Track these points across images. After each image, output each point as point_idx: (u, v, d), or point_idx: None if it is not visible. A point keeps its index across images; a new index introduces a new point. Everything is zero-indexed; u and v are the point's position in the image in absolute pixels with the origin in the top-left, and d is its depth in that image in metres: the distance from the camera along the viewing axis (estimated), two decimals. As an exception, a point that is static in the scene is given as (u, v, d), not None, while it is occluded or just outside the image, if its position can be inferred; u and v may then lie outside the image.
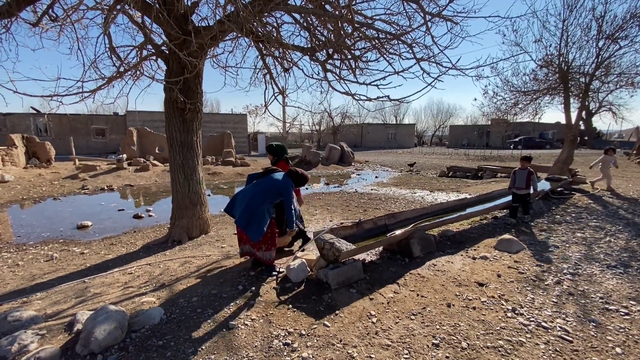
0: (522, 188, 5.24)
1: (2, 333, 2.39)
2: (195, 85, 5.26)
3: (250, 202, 3.30)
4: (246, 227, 3.27)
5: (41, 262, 4.72)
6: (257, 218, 3.28)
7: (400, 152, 29.29)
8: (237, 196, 3.47)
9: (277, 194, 3.41)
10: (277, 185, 3.40)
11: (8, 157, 13.00)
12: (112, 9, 4.43)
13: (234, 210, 3.41)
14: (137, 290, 3.36)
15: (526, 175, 5.25)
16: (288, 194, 3.42)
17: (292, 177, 3.55)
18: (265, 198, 3.34)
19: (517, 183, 5.33)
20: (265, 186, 3.40)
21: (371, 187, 10.81)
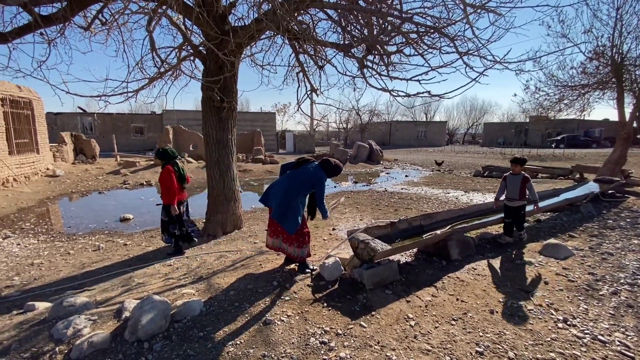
0: (515, 199, 4.15)
1: (59, 317, 2.56)
2: (231, 84, 5.38)
3: (285, 194, 3.31)
4: (281, 220, 3.30)
5: (89, 252, 5.05)
6: (292, 210, 3.29)
7: (430, 151, 28.46)
8: (272, 187, 3.49)
9: (310, 187, 3.37)
10: (310, 177, 3.35)
11: (59, 153, 14.07)
12: (154, 12, 4.64)
13: (269, 201, 3.45)
14: (176, 281, 3.50)
15: (520, 182, 4.13)
16: (321, 187, 3.36)
17: (326, 167, 3.45)
18: (299, 190, 3.33)
19: (508, 192, 4.22)
20: (298, 178, 3.37)
21: (401, 186, 10.57)
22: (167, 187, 4.32)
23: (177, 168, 4.48)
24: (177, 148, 17.34)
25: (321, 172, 3.40)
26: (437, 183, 11.05)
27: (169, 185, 4.31)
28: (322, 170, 3.43)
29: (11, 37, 3.67)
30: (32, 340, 2.30)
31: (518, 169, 4.22)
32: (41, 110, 12.18)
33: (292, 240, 3.41)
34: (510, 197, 4.22)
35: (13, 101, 10.46)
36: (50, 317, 2.58)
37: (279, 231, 3.46)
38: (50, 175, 11.70)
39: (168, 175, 4.30)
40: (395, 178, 12.75)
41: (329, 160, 3.50)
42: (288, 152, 27.07)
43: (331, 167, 3.47)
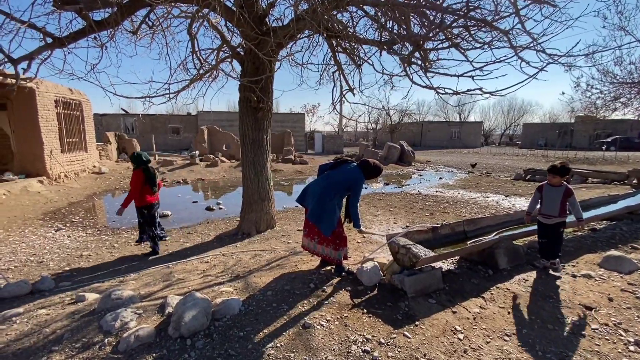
0: (554, 216, 3.31)
1: (107, 309, 2.66)
2: (267, 84, 5.42)
3: (322, 195, 3.25)
4: (318, 221, 3.26)
5: (132, 246, 5.28)
6: (329, 212, 3.24)
7: (465, 152, 27.33)
8: (309, 187, 3.45)
9: (347, 188, 3.28)
10: (347, 178, 3.25)
11: (104, 152, 15.01)
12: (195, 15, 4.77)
13: (306, 202, 3.42)
14: (215, 279, 3.54)
15: (561, 196, 3.25)
16: (357, 189, 3.25)
17: (365, 168, 3.32)
18: (335, 191, 3.25)
19: (544, 207, 3.38)
20: (335, 178, 3.30)
21: (436, 189, 10.19)
22: (133, 190, 4.56)
23: (148, 173, 4.64)
24: (211, 147, 17.93)
25: (359, 174, 3.30)
26: (474, 186, 10.54)
27: (132, 188, 4.55)
28: (361, 172, 3.32)
29: (67, 42, 3.90)
30: (83, 331, 2.40)
31: (557, 180, 3.29)
32: (90, 111, 13.05)
33: (327, 242, 3.35)
34: (546, 213, 3.38)
35: (65, 103, 11.29)
36: (99, 309, 2.68)
37: (314, 232, 3.41)
38: (96, 172, 12.49)
39: (135, 179, 4.57)
40: (428, 180, 12.33)
41: (368, 161, 3.39)
42: (316, 153, 27.11)
43: (370, 168, 3.35)
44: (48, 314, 2.72)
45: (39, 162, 9.90)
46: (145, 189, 4.65)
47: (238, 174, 13.88)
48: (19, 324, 2.60)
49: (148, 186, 4.64)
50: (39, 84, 9.68)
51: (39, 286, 3.38)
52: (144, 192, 4.66)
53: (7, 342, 2.30)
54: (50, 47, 3.91)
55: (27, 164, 9.96)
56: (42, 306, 2.98)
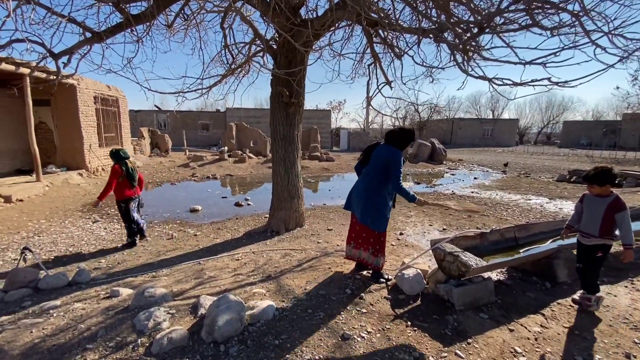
0: (593, 235, 2.58)
1: (140, 307, 2.60)
2: (299, 79, 5.25)
3: (367, 192, 3.02)
4: (369, 221, 3.05)
5: (164, 240, 5.32)
6: (378, 207, 3.02)
7: (499, 151, 26.00)
8: (353, 191, 3.28)
9: (387, 169, 2.93)
10: (383, 158, 2.93)
11: (138, 146, 15.56)
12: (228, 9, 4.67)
13: (352, 206, 3.26)
14: (246, 278, 3.43)
15: (605, 210, 2.51)
16: (395, 164, 2.87)
17: (393, 138, 2.98)
18: (379, 182, 3.00)
19: (584, 222, 2.69)
20: (373, 169, 3.03)
21: (471, 190, 9.65)
22: (108, 184, 4.67)
23: (126, 168, 4.75)
24: (239, 143, 18.14)
25: (389, 148, 2.98)
26: (513, 187, 9.89)
27: (107, 183, 4.67)
28: (390, 146, 3.00)
29: (105, 36, 3.91)
30: (117, 329, 2.34)
31: (596, 189, 2.54)
32: (125, 107, 13.55)
33: (367, 245, 3.15)
34: (584, 231, 2.65)
35: (103, 99, 11.75)
36: (132, 306, 2.63)
37: (360, 236, 3.20)
38: (131, 166, 12.96)
39: (112, 174, 4.67)
40: (462, 180, 11.74)
41: (391, 131, 3.04)
42: (342, 150, 26.83)
43: (398, 135, 2.98)
44: (84, 308, 2.71)
45: (79, 156, 10.37)
46: (124, 184, 4.78)
47: (265, 170, 13.92)
48: (55, 317, 2.59)
49: (127, 181, 4.78)
50: (79, 81, 10.11)
51: (77, 278, 3.42)
52: (123, 186, 4.79)
53: (43, 337, 2.28)
54: (89, 41, 3.94)
55: (68, 157, 10.46)
56: (79, 299, 2.99)
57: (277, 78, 5.17)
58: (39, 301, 3.01)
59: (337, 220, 6.33)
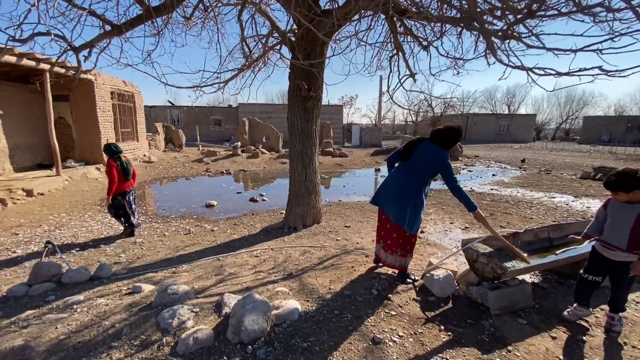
0: (620, 248, 2.22)
1: (163, 304, 2.55)
2: (318, 71, 5.13)
3: (406, 191, 2.84)
4: (407, 225, 2.88)
5: (181, 235, 5.31)
6: (418, 209, 2.88)
7: (516, 147, 25.31)
8: (385, 186, 3.07)
9: (432, 172, 2.80)
10: (430, 159, 2.74)
11: (153, 142, 15.71)
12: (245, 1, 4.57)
13: (380, 202, 3.07)
14: (267, 275, 3.36)
15: (634, 219, 2.14)
16: (447, 169, 2.69)
17: (440, 138, 2.78)
18: (421, 181, 2.83)
19: (607, 232, 2.32)
20: (417, 166, 2.81)
21: (490, 187, 9.38)
22: (109, 180, 4.77)
23: (120, 162, 4.86)
24: (251, 139, 18.14)
25: (437, 147, 2.76)
26: (534, 185, 9.56)
27: (110, 178, 4.75)
28: (439, 146, 2.78)
29: (125, 29, 3.87)
30: (141, 327, 2.29)
31: (622, 197, 2.18)
32: (141, 102, 13.66)
33: (396, 247, 3.00)
34: (607, 242, 2.27)
35: (120, 94, 11.86)
36: (155, 303, 2.58)
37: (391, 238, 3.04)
38: (146, 161, 13.09)
39: (108, 169, 4.74)
40: (480, 177, 11.43)
41: (440, 130, 2.81)
42: (354, 146, 26.59)
43: (446, 134, 2.77)
44: (107, 304, 2.68)
45: (96, 151, 10.50)
46: (119, 178, 4.87)
47: (278, 165, 13.87)
48: (79, 312, 2.57)
49: (122, 174, 4.89)
50: (97, 76, 10.21)
51: (98, 273, 3.41)
52: (119, 180, 4.87)
53: (68, 334, 2.25)
54: (108, 35, 3.90)
55: (86, 152, 10.62)
56: (101, 294, 2.97)
57: (295, 71, 5.06)
58: (63, 296, 3.00)
59: (354, 217, 6.22)
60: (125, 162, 4.96)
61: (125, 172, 4.92)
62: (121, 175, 4.88)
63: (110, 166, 4.75)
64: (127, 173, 4.97)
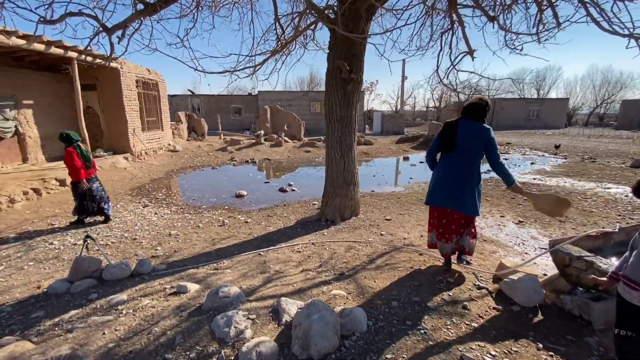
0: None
1: (215, 308, 2.32)
2: (360, 51, 4.71)
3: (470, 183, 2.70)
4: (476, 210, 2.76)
5: (216, 227, 5.12)
6: (480, 192, 2.79)
7: (549, 133, 23.95)
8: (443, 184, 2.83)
9: (482, 151, 2.67)
10: (482, 138, 2.61)
11: (176, 131, 15.71)
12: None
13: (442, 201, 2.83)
14: (316, 275, 3.09)
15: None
16: (491, 143, 2.62)
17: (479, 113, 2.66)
18: (477, 166, 2.74)
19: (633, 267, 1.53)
20: (468, 154, 2.68)
21: (532, 176, 8.75)
22: (71, 167, 4.73)
23: (80, 150, 4.81)
24: (273, 127, 17.89)
25: (480, 124, 2.65)
26: (581, 174, 8.85)
27: (71, 165, 4.70)
28: (478, 122, 2.66)
29: (159, 7, 3.58)
30: (194, 335, 2.06)
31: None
32: (164, 91, 13.58)
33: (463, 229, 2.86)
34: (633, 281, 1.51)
35: (144, 83, 11.77)
36: (206, 307, 2.35)
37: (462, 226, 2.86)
38: (171, 150, 13.09)
39: (69, 157, 4.68)
40: (517, 165, 10.74)
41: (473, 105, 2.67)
42: (375, 133, 25.90)
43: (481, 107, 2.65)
44: (153, 305, 2.48)
45: (124, 140, 10.52)
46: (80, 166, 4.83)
47: (302, 154, 13.58)
48: (125, 315, 2.38)
49: (83, 163, 4.85)
50: (122, 64, 10.11)
51: (139, 269, 3.24)
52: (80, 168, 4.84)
53: (117, 341, 2.05)
54: (142, 14, 3.63)
55: (113, 141, 10.65)
56: (145, 294, 2.78)
57: (335, 52, 4.66)
58: (105, 293, 2.84)
59: (392, 209, 5.86)
60: (85, 150, 4.95)
61: (85, 159, 4.89)
62: (82, 163, 4.85)
63: (70, 153, 4.71)
64: (88, 160, 4.95)
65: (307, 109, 29.16)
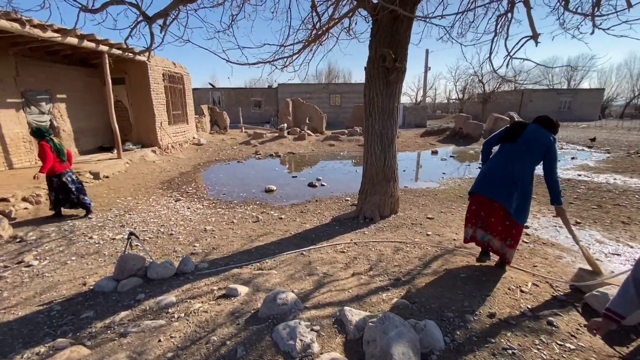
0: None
1: (273, 316, 2.16)
2: (405, 38, 4.40)
3: (523, 182, 2.71)
4: (522, 217, 2.77)
5: (250, 223, 5.00)
6: (526, 197, 2.77)
7: (583, 126, 22.66)
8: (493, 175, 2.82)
9: (541, 157, 2.69)
10: (541, 144, 2.64)
11: (200, 124, 15.77)
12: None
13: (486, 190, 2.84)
14: (370, 280, 2.88)
15: None
16: (555, 154, 2.67)
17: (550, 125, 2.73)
18: (533, 170, 2.75)
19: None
20: (529, 154, 2.67)
21: (576, 172, 8.19)
22: (43, 160, 4.70)
23: (53, 144, 4.78)
24: (295, 120, 17.71)
25: (549, 133, 2.69)
26: (632, 170, 8.20)
27: (44, 158, 4.67)
28: (550, 133, 2.70)
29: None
30: (257, 347, 1.90)
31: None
32: (189, 84, 13.58)
33: (505, 235, 2.80)
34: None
35: (170, 76, 11.79)
36: (263, 314, 2.19)
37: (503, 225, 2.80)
38: (196, 143, 13.14)
39: (42, 150, 4.66)
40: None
41: (547, 117, 2.76)
42: (398, 126, 25.23)
43: (553, 122, 2.74)
44: (205, 310, 2.34)
45: (151, 133, 10.59)
46: (54, 159, 4.80)
47: (326, 147, 13.34)
48: (178, 320, 2.25)
49: (57, 157, 4.82)
50: (149, 58, 10.11)
51: (182, 268, 3.14)
52: (54, 162, 4.80)
53: (175, 350, 1.92)
54: (182, 2, 3.46)
55: (141, 134, 10.75)
56: (193, 295, 2.66)
57: (378, 39, 4.38)
58: (152, 293, 2.74)
59: (431, 207, 5.57)
60: (58, 143, 4.91)
61: (59, 153, 4.86)
62: (56, 157, 4.82)
63: (43, 146, 4.68)
64: (62, 154, 4.91)
65: (327, 101, 28.80)
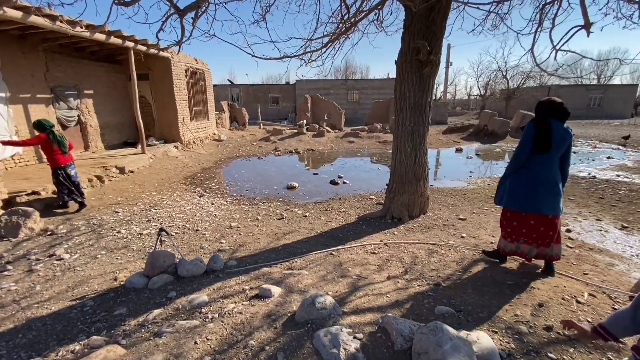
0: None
1: (311, 320, 2.06)
2: (440, 30, 4.19)
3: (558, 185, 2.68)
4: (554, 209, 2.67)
5: (275, 220, 4.92)
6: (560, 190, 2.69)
7: (616, 124, 21.51)
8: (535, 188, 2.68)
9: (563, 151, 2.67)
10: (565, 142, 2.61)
11: (219, 120, 15.89)
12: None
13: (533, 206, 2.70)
14: (407, 284, 2.74)
15: None
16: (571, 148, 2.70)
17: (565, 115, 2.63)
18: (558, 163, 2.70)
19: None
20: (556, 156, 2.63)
21: (614, 172, 7.72)
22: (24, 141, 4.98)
23: (53, 136, 4.79)
24: (314, 116, 17.59)
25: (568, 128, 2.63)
26: (676, 171, 7.67)
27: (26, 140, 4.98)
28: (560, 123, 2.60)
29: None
30: (297, 355, 1.80)
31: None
32: (210, 80, 13.67)
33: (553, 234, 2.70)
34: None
35: (192, 72, 11.88)
36: (300, 318, 2.09)
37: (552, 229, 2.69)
38: (216, 139, 13.23)
39: (34, 138, 4.82)
40: (592, 159, 9.58)
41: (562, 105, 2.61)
42: (417, 123, 24.71)
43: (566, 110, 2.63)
44: (240, 311, 2.26)
45: (174, 129, 10.72)
46: (57, 152, 4.83)
47: (345, 144, 13.17)
48: (212, 321, 2.18)
49: (58, 148, 4.83)
50: (173, 54, 10.20)
51: (212, 266, 3.08)
52: (56, 154, 4.84)
53: (213, 354, 1.84)
54: (212, -7, 3.39)
55: (164, 130, 10.89)
56: (224, 295, 2.59)
57: (412, 31, 4.18)
58: (183, 291, 2.69)
59: (461, 207, 5.34)
60: (59, 135, 4.90)
61: (61, 145, 4.86)
62: (58, 149, 4.83)
63: (37, 138, 4.76)
64: (64, 146, 4.90)
65: (345, 98, 28.53)
